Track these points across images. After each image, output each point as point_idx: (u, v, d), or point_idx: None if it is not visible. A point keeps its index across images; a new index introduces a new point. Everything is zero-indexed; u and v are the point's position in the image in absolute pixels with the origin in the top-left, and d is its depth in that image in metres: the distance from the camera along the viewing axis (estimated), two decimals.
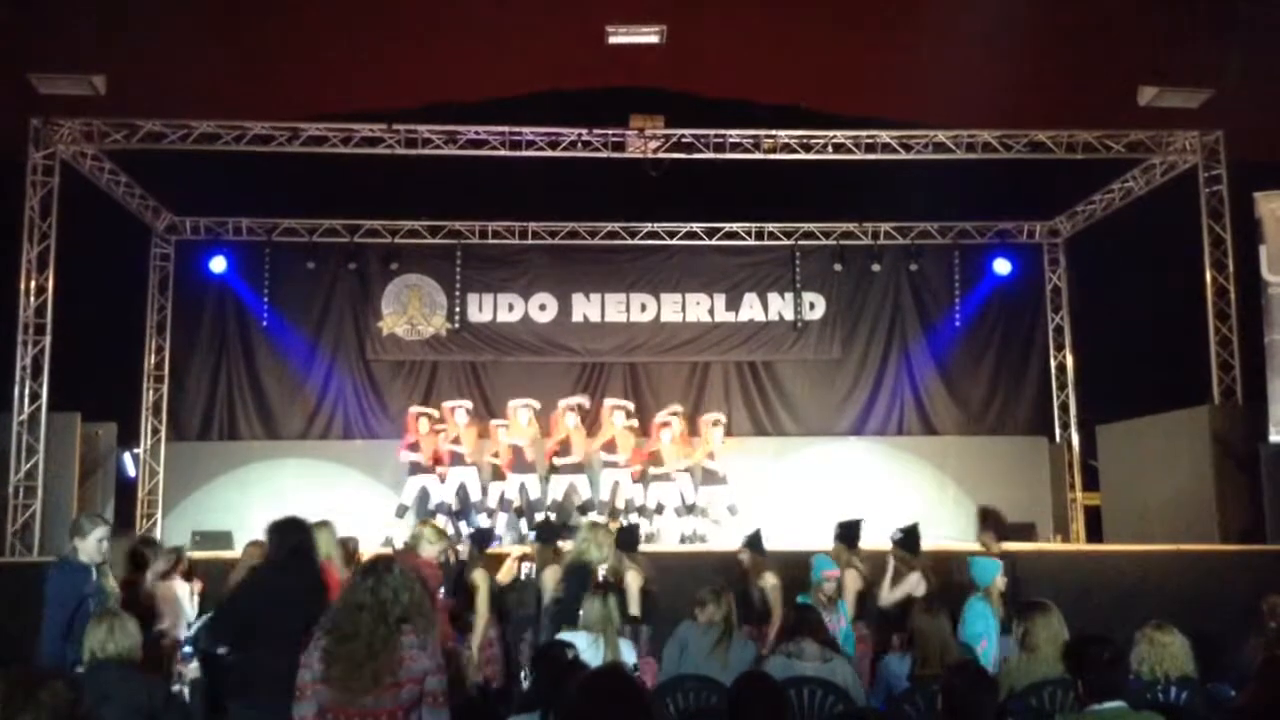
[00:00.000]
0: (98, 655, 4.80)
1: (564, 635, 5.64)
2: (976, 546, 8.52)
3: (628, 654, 5.82)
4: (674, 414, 13.11)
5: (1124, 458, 13.65)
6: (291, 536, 5.39)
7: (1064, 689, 4.75)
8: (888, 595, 7.60)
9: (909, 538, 7.93)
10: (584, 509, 12.18)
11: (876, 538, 8.52)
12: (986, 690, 4.06)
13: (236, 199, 14.42)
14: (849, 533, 8.07)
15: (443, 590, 7.13)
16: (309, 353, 15.29)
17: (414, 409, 13.18)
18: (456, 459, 12.47)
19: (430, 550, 7.01)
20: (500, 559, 8.55)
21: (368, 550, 7.94)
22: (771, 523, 13.01)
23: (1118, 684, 4.04)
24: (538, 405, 12.87)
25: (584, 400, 13.40)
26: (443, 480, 12.44)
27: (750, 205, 14.82)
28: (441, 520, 11.59)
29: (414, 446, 12.56)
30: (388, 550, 9.22)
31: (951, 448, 15.16)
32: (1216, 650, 6.25)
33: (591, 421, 13.33)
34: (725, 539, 11.73)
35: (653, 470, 12.61)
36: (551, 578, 7.47)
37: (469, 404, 13.24)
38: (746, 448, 14.21)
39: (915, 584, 7.49)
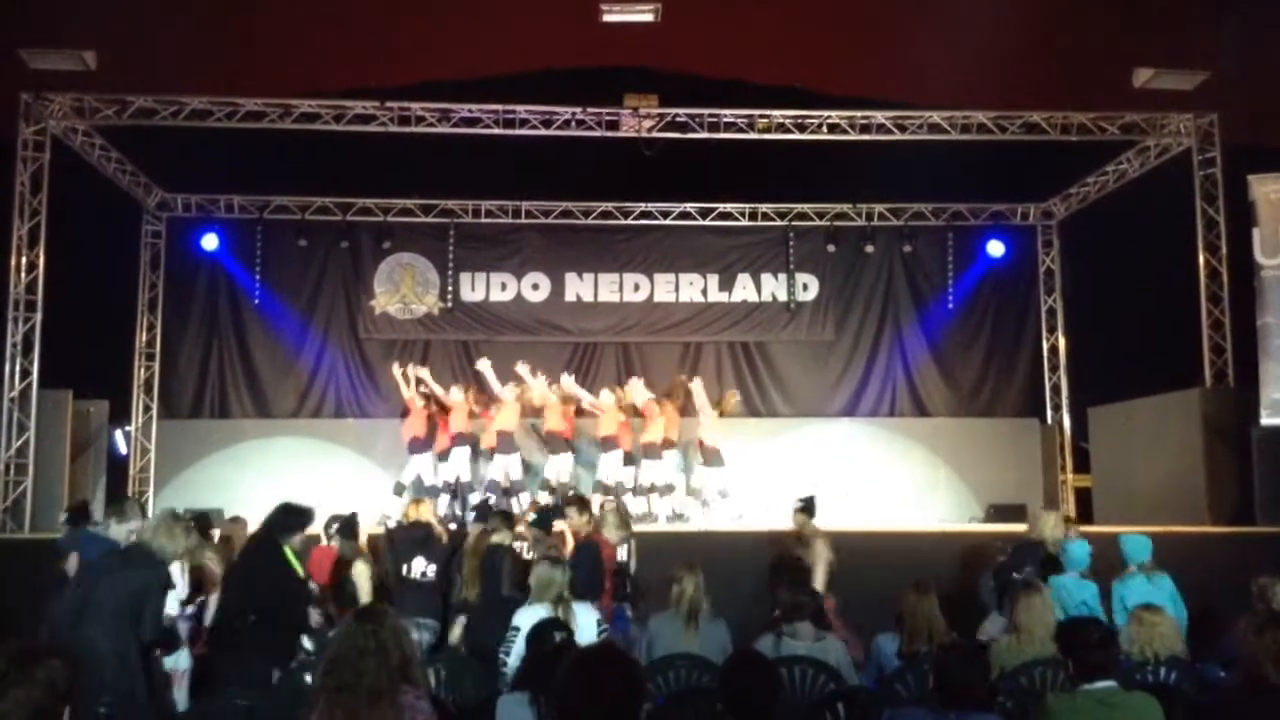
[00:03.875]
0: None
1: (524, 609, 5.33)
2: (975, 528, 8.56)
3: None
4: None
5: (1115, 440, 13.66)
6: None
7: (1055, 669, 4.77)
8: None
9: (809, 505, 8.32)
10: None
11: (870, 519, 8.55)
12: (977, 669, 4.08)
13: (228, 176, 14.32)
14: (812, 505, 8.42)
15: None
16: (301, 331, 15.25)
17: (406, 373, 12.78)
18: (458, 438, 12.32)
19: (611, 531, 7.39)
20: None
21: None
22: (762, 503, 13.14)
23: (1108, 664, 4.08)
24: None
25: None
26: (444, 458, 12.28)
27: (744, 185, 14.78)
28: (445, 500, 11.59)
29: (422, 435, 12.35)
30: (381, 529, 9.18)
31: (943, 429, 15.17)
32: (1206, 631, 6.29)
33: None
34: (710, 521, 11.84)
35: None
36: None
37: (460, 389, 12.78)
38: (739, 428, 14.18)
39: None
